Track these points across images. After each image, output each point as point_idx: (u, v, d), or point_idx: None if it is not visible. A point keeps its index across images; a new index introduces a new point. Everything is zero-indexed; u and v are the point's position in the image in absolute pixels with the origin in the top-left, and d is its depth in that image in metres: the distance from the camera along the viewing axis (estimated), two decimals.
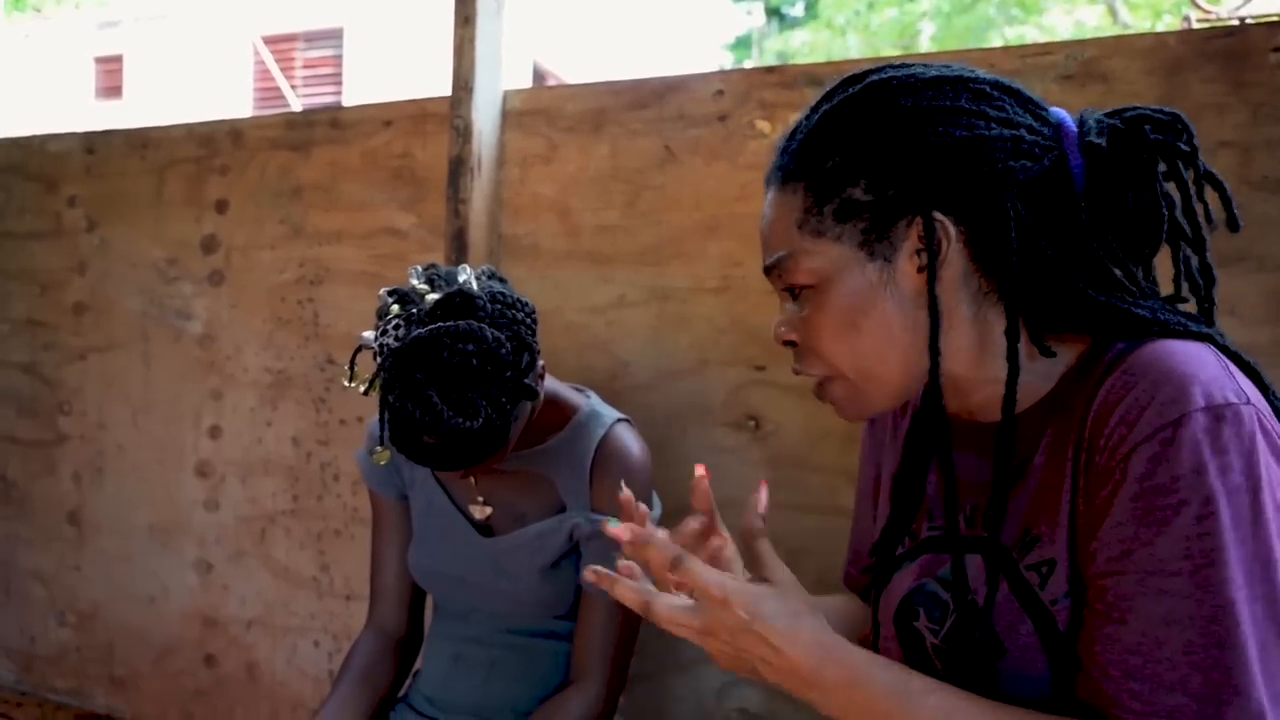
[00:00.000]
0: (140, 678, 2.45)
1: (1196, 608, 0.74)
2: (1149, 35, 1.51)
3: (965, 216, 0.87)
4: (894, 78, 0.90)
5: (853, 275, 0.89)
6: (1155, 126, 0.87)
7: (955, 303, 0.89)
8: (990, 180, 0.85)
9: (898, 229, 0.88)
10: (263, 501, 2.27)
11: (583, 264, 1.88)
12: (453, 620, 1.51)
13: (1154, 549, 0.76)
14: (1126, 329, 0.87)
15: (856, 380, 0.93)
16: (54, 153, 2.56)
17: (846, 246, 0.89)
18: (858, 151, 0.89)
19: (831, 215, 0.89)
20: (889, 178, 0.87)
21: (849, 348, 0.91)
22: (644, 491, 1.42)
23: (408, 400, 1.14)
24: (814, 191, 0.90)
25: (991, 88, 0.89)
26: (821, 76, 1.69)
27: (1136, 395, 0.79)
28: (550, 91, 1.97)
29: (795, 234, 0.91)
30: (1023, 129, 0.87)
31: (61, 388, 2.55)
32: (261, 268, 2.26)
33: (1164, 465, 0.76)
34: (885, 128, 0.88)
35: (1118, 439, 0.79)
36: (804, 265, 0.91)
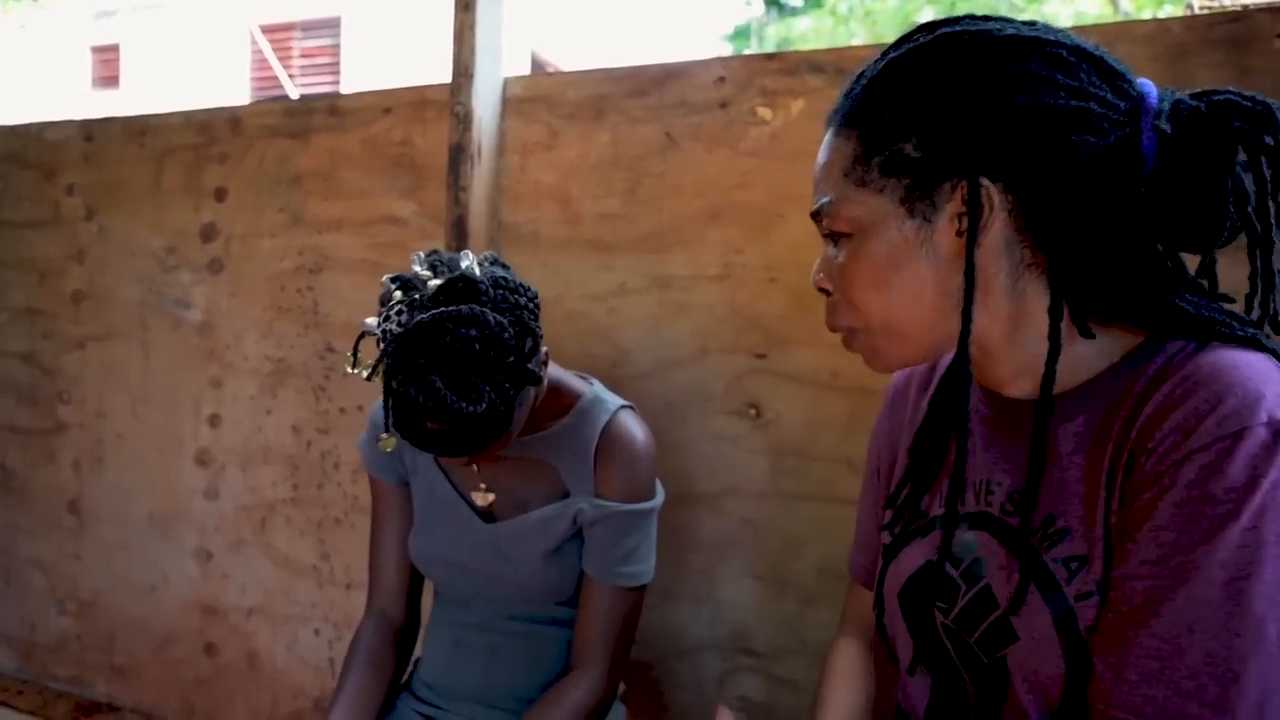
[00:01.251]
0: (140, 666, 2.46)
1: (1225, 619, 0.73)
2: (1152, 21, 1.50)
3: (1016, 185, 0.85)
4: (966, 31, 0.87)
5: (890, 230, 0.88)
6: (1242, 115, 0.82)
7: (994, 271, 0.87)
8: (1047, 152, 0.83)
9: (942, 190, 0.86)
10: (263, 490, 2.26)
11: (583, 251, 1.88)
12: (454, 606, 1.51)
13: (1192, 556, 0.75)
14: (1175, 325, 0.85)
15: (882, 334, 0.92)
16: (52, 141, 2.55)
17: (888, 200, 0.88)
18: (914, 106, 0.87)
19: (878, 167, 0.88)
20: (940, 137, 0.85)
21: (878, 301, 0.90)
22: (648, 478, 1.42)
23: (411, 386, 1.14)
24: (866, 141, 0.89)
25: (1069, 53, 0.85)
26: (823, 63, 1.68)
27: (1196, 404, 0.77)
28: (551, 78, 1.96)
29: (841, 181, 0.91)
30: (1093, 101, 0.83)
31: (61, 376, 2.54)
32: (261, 256, 2.25)
33: (1217, 476, 0.75)
34: (945, 85, 0.85)
35: (1170, 445, 0.78)
36: (844, 213, 0.90)
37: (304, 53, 14.61)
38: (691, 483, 1.76)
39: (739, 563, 1.74)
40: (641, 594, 1.43)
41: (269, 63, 13.71)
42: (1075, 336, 0.88)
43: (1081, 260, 0.86)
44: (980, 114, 0.84)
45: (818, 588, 1.67)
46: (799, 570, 1.69)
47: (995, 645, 0.89)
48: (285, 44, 14.55)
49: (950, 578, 0.95)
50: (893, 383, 1.19)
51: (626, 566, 1.39)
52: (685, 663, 1.79)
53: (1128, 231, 0.85)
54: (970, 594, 0.92)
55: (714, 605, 1.77)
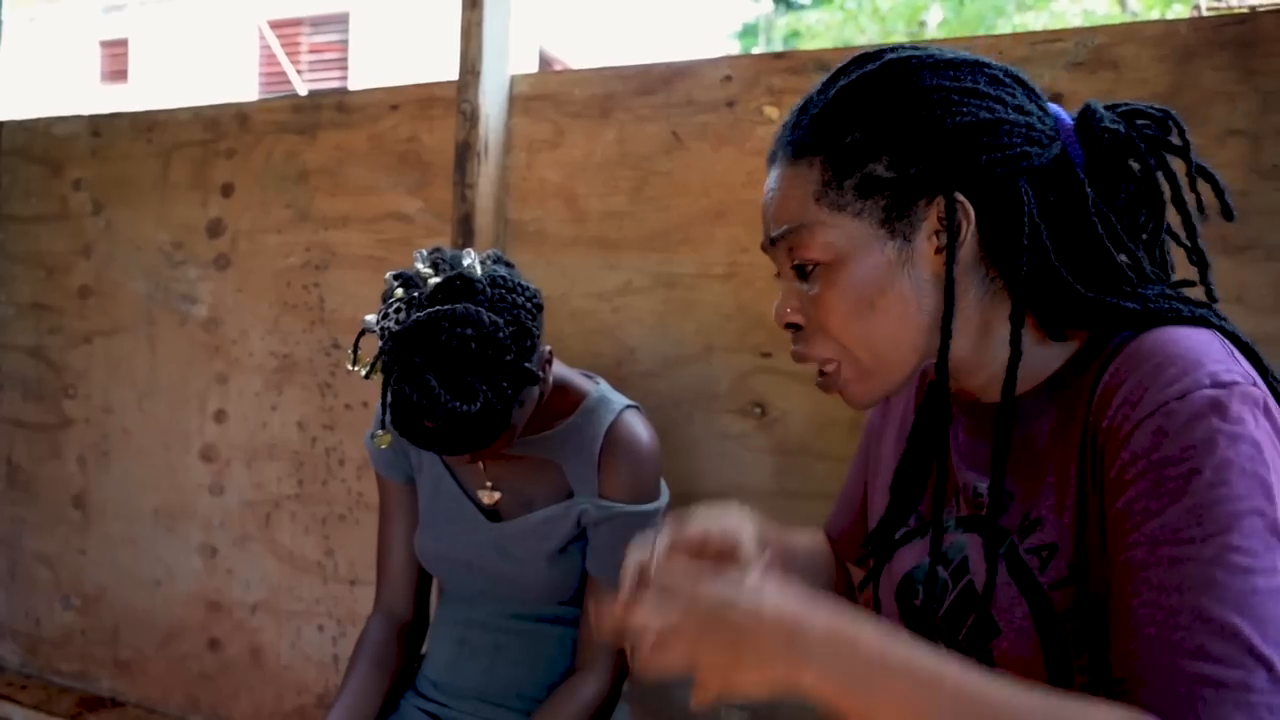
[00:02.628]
0: (145, 661, 2.46)
1: (1212, 574, 0.72)
2: (1159, 23, 1.50)
3: (978, 200, 0.86)
4: (914, 56, 0.89)
5: (871, 253, 0.88)
6: (1151, 122, 0.90)
7: (965, 286, 0.89)
8: (1008, 164, 0.85)
9: (918, 208, 0.87)
10: (268, 486, 2.27)
11: (589, 250, 1.88)
12: (459, 605, 1.51)
13: (1165, 518, 0.75)
14: (1123, 322, 0.87)
15: (867, 362, 0.91)
16: (60, 136, 2.55)
17: (866, 223, 0.87)
18: (881, 127, 0.87)
19: (852, 190, 0.87)
20: (912, 155, 0.86)
21: (863, 328, 0.89)
22: (653, 479, 1.42)
23: (406, 384, 1.14)
24: (833, 165, 0.88)
25: (1004, 74, 0.89)
26: (830, 62, 1.67)
27: (1139, 377, 0.79)
28: (557, 76, 1.96)
29: (813, 206, 0.89)
30: (1034, 116, 0.87)
31: (67, 371, 2.55)
32: (267, 252, 2.25)
33: (1170, 437, 0.76)
34: (908, 105, 0.86)
35: (1120, 419, 0.79)
36: (820, 239, 0.89)
37: (312, 48, 14.61)
38: (696, 481, 1.76)
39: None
40: None
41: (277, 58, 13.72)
42: (1044, 339, 0.91)
43: (1043, 267, 0.87)
44: (947, 130, 0.85)
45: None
46: None
47: (980, 640, 0.90)
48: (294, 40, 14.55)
49: (940, 578, 0.96)
50: None
51: None
52: None
53: (1076, 238, 0.88)
54: (955, 590, 0.94)
55: None
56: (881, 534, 1.06)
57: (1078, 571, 0.83)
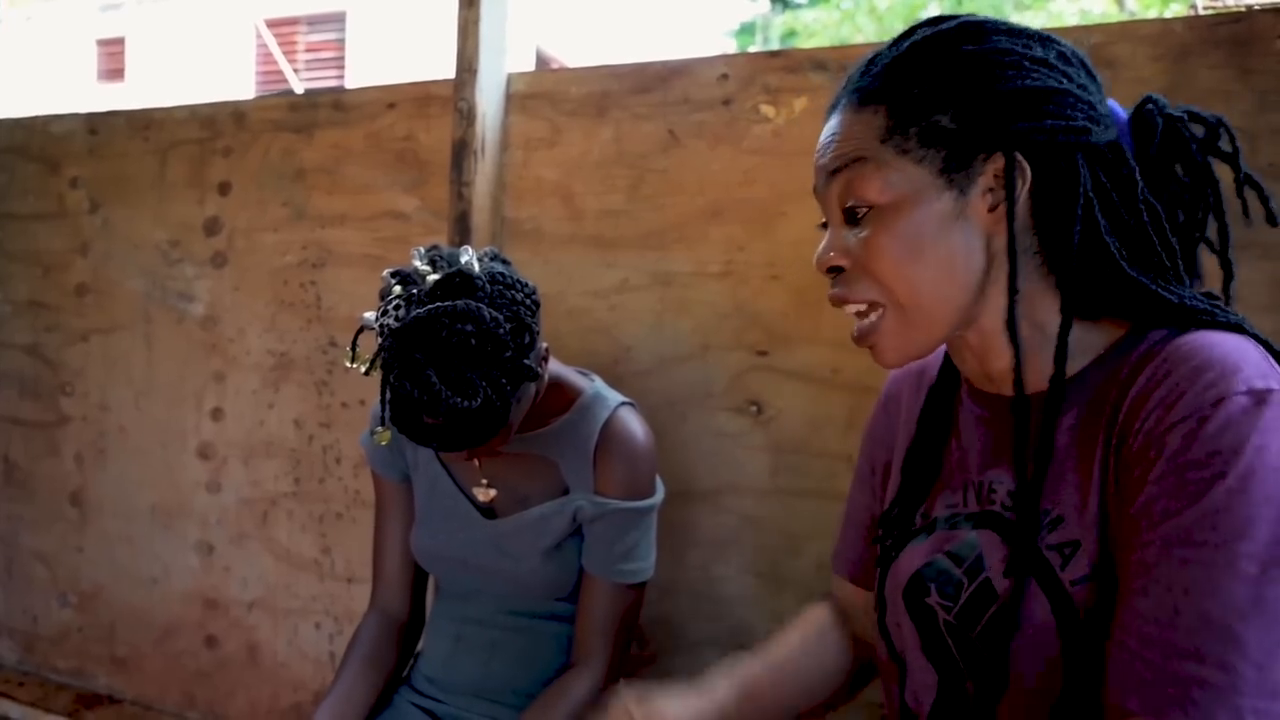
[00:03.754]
0: (142, 658, 2.46)
1: (1220, 579, 0.73)
2: (1156, 21, 1.50)
3: (1040, 166, 0.87)
4: (989, 20, 0.90)
5: (928, 201, 0.88)
6: (1203, 125, 0.91)
7: (1006, 256, 0.89)
8: (1069, 134, 0.86)
9: (977, 162, 0.88)
10: (264, 484, 2.27)
11: (585, 248, 1.88)
12: (455, 601, 1.51)
13: (1181, 519, 0.75)
14: (1161, 315, 0.87)
15: (910, 309, 0.91)
16: (56, 134, 2.55)
17: (927, 171, 0.88)
18: (949, 80, 0.88)
19: (916, 137, 0.88)
20: (977, 110, 0.87)
21: (910, 274, 0.89)
22: (648, 475, 1.42)
23: (407, 380, 1.14)
24: (897, 114, 0.89)
25: (1072, 54, 0.90)
26: (826, 61, 1.68)
27: (1176, 380, 0.79)
28: (554, 75, 1.96)
29: (879, 146, 0.89)
30: (1096, 98, 0.89)
31: (64, 369, 2.55)
32: (264, 250, 2.25)
33: (1199, 442, 0.76)
34: (978, 62, 0.88)
35: (1154, 421, 0.79)
36: (880, 177, 0.89)
37: (309, 47, 14.60)
38: (692, 479, 1.76)
39: (739, 559, 1.75)
40: (642, 591, 1.43)
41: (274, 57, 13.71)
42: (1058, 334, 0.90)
43: (1080, 248, 0.88)
44: (1013, 89, 0.86)
45: (817, 585, 1.67)
46: (799, 567, 1.70)
47: (997, 637, 0.89)
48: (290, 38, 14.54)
49: (954, 576, 0.95)
50: (886, 386, 1.20)
51: (626, 563, 1.39)
52: (684, 659, 1.79)
53: (1123, 223, 0.88)
54: (971, 588, 0.93)
55: (713, 602, 1.77)
56: (897, 514, 1.06)
57: (1100, 569, 0.83)
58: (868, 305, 0.93)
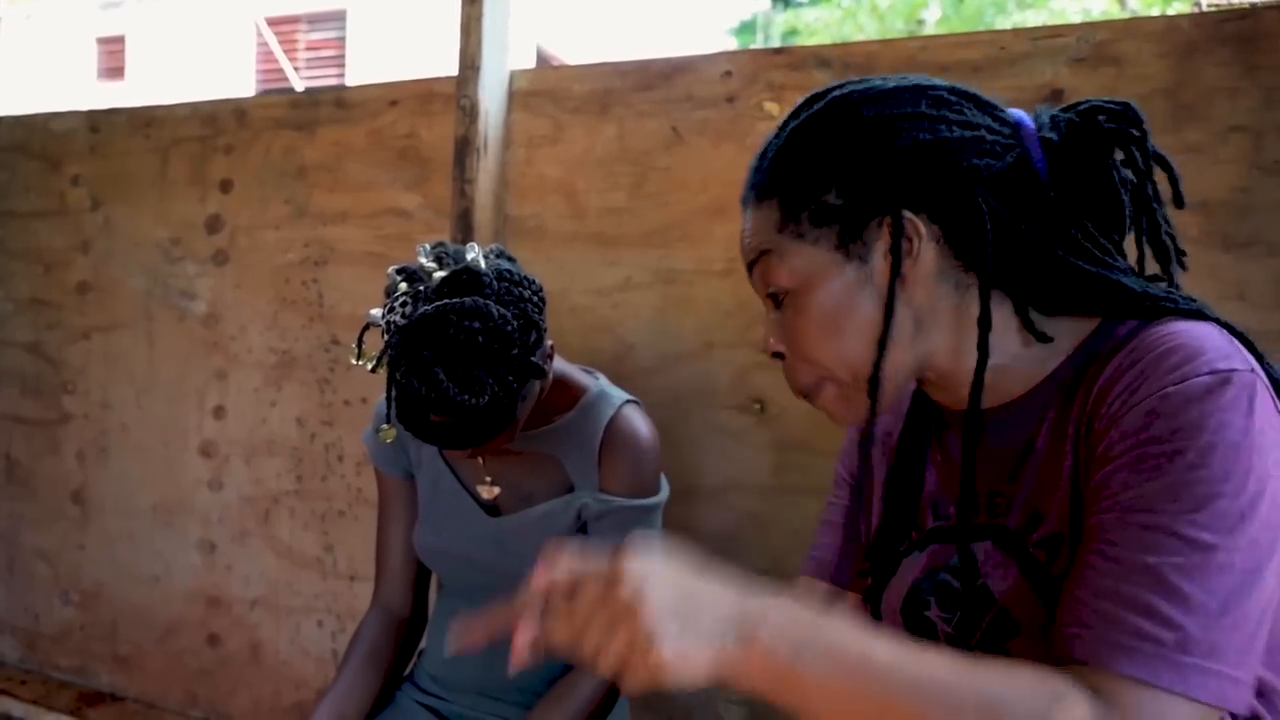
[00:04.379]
0: (144, 656, 2.46)
1: (1177, 544, 0.75)
2: (1161, 18, 1.50)
3: (938, 215, 0.89)
4: (854, 91, 0.93)
5: (832, 277, 0.91)
6: (1109, 116, 0.91)
7: (935, 299, 0.91)
8: (957, 177, 0.88)
9: (870, 229, 0.90)
10: (267, 482, 2.27)
11: (588, 246, 1.87)
12: (458, 599, 1.51)
13: (1142, 491, 0.77)
14: (1127, 304, 0.89)
15: (847, 380, 0.93)
16: (58, 131, 2.55)
17: (824, 249, 0.91)
18: (827, 160, 0.91)
19: (808, 220, 0.91)
20: (858, 182, 0.90)
21: (834, 349, 0.92)
22: (653, 473, 1.42)
23: (414, 377, 1.14)
24: (788, 203, 0.92)
25: (949, 93, 0.92)
26: (829, 58, 1.68)
27: (1142, 367, 0.81)
28: (557, 72, 1.96)
29: (775, 237, 0.93)
30: (983, 129, 0.90)
31: (65, 367, 2.54)
32: (266, 248, 2.25)
33: (1161, 419, 0.78)
34: (851, 136, 0.90)
35: (1120, 405, 0.81)
36: (785, 264, 0.93)
37: (309, 45, 14.59)
38: (695, 477, 1.76)
39: (742, 557, 1.74)
40: None
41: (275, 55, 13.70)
42: (1030, 341, 0.92)
43: (1019, 265, 0.90)
44: (888, 154, 0.89)
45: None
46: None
47: (997, 641, 0.90)
48: (291, 37, 14.52)
49: (953, 587, 0.96)
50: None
51: None
52: None
53: (1051, 234, 0.90)
54: (968, 596, 0.94)
55: None
56: (881, 545, 1.07)
57: None
58: (812, 384, 0.96)
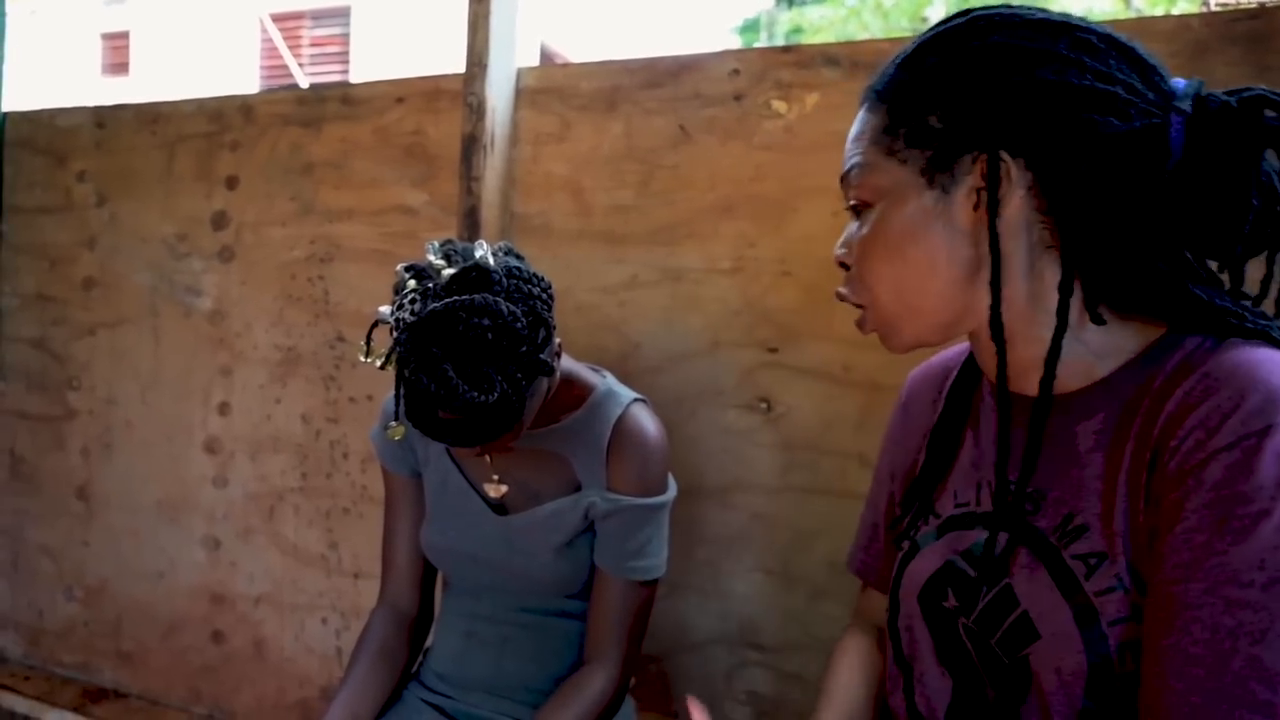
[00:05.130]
0: (148, 653, 2.46)
1: (1269, 622, 0.71)
2: (1171, 18, 1.49)
3: (1036, 161, 0.85)
4: (998, 14, 0.89)
5: (909, 200, 0.89)
6: (1275, 110, 0.82)
7: (1011, 249, 0.87)
8: (1067, 129, 0.83)
9: (962, 163, 0.87)
10: (271, 479, 2.26)
11: (595, 244, 1.87)
12: (465, 598, 1.51)
13: (1228, 558, 0.73)
14: (1190, 316, 0.85)
15: (892, 309, 0.93)
16: (64, 127, 2.55)
17: (909, 170, 0.89)
18: (940, 80, 0.88)
19: (904, 138, 0.89)
20: (963, 110, 0.87)
21: (892, 273, 0.91)
22: (661, 472, 1.42)
23: (423, 374, 1.14)
24: (894, 113, 0.91)
25: (1100, 40, 0.86)
26: (838, 56, 1.67)
27: (1219, 401, 0.76)
28: (564, 69, 1.95)
29: (870, 148, 0.92)
30: (1120, 86, 0.83)
31: (71, 363, 2.54)
32: (272, 244, 2.25)
33: (1245, 475, 0.73)
34: (970, 60, 0.87)
35: (1194, 444, 0.77)
36: (869, 180, 0.91)
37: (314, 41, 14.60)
38: (701, 476, 1.76)
39: (748, 557, 1.74)
40: (654, 588, 1.43)
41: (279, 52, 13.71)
42: (1086, 325, 0.88)
43: (1099, 243, 0.85)
44: (1002, 88, 0.85)
45: (827, 582, 1.67)
46: (808, 565, 1.69)
47: (1017, 645, 0.88)
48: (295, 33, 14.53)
49: (971, 579, 0.94)
50: (907, 388, 1.19)
51: (639, 560, 1.39)
52: (693, 657, 1.79)
53: (1149, 219, 0.84)
54: (991, 594, 0.91)
55: (722, 599, 1.76)
56: (919, 490, 1.05)
57: (1127, 581, 0.82)
58: (858, 307, 0.96)
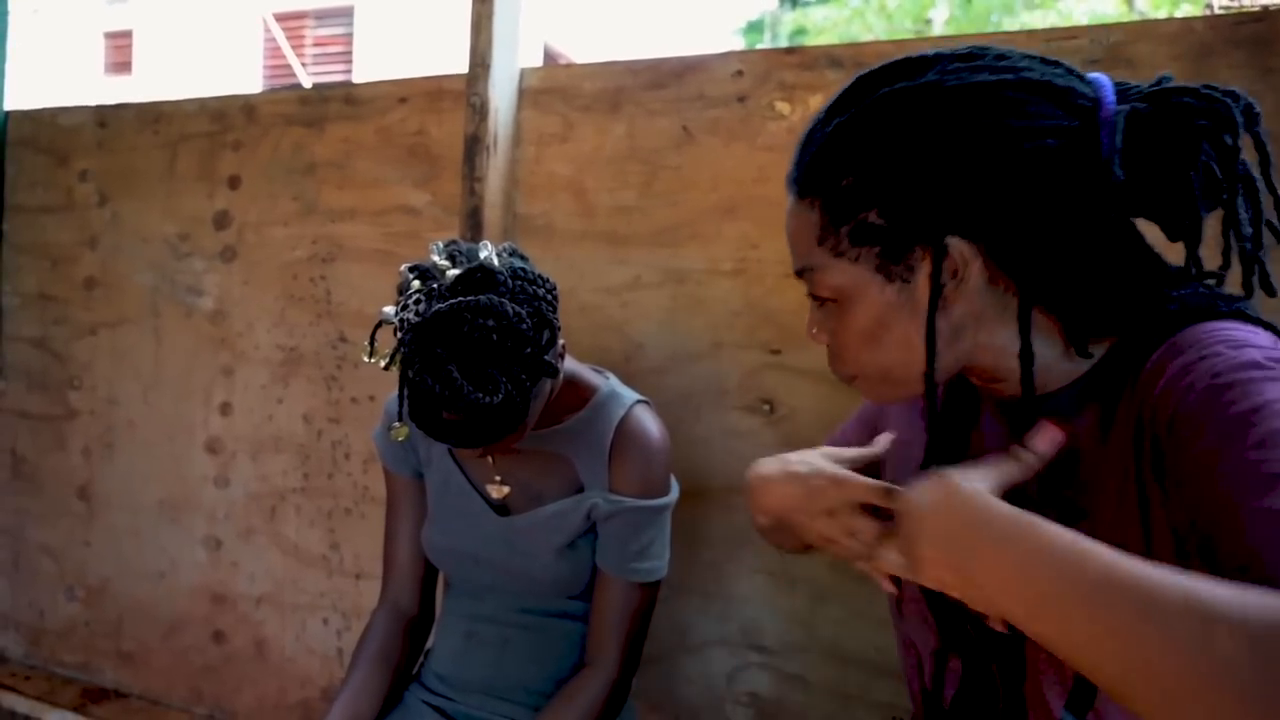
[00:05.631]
0: (148, 653, 2.46)
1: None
2: (1175, 20, 1.49)
3: (983, 234, 0.84)
4: (908, 90, 0.85)
5: (871, 295, 0.89)
6: (1196, 99, 0.84)
7: (979, 308, 0.88)
8: (1009, 202, 0.82)
9: (913, 254, 0.86)
10: (273, 479, 2.26)
11: (598, 244, 1.87)
12: (466, 599, 1.50)
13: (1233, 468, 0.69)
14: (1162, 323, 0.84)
15: (882, 383, 0.94)
16: (66, 126, 2.55)
17: (864, 268, 0.88)
18: (870, 175, 0.86)
19: (847, 237, 0.88)
20: (902, 205, 0.85)
21: (871, 358, 0.92)
22: (663, 473, 1.41)
23: (428, 375, 1.14)
24: (829, 211, 0.89)
25: (1015, 89, 0.83)
26: (841, 58, 1.67)
27: (1184, 360, 0.77)
28: (567, 70, 1.95)
29: (816, 250, 0.91)
30: (1049, 136, 0.82)
31: (72, 363, 2.54)
32: (274, 244, 2.25)
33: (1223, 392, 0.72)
34: (897, 152, 0.84)
35: (1175, 402, 0.75)
36: (827, 281, 0.91)
37: (317, 41, 14.62)
38: (704, 478, 1.75)
39: (750, 558, 1.74)
40: (656, 589, 1.43)
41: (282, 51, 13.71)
42: (1071, 354, 0.89)
43: (1065, 279, 0.86)
44: (937, 178, 0.83)
45: (829, 584, 1.67)
46: (810, 567, 1.69)
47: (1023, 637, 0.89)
48: (298, 32, 14.55)
49: None
50: None
51: (641, 562, 1.38)
52: (694, 658, 1.79)
53: (1099, 243, 0.84)
54: None
55: (724, 601, 1.76)
56: None
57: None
58: (849, 376, 0.97)
